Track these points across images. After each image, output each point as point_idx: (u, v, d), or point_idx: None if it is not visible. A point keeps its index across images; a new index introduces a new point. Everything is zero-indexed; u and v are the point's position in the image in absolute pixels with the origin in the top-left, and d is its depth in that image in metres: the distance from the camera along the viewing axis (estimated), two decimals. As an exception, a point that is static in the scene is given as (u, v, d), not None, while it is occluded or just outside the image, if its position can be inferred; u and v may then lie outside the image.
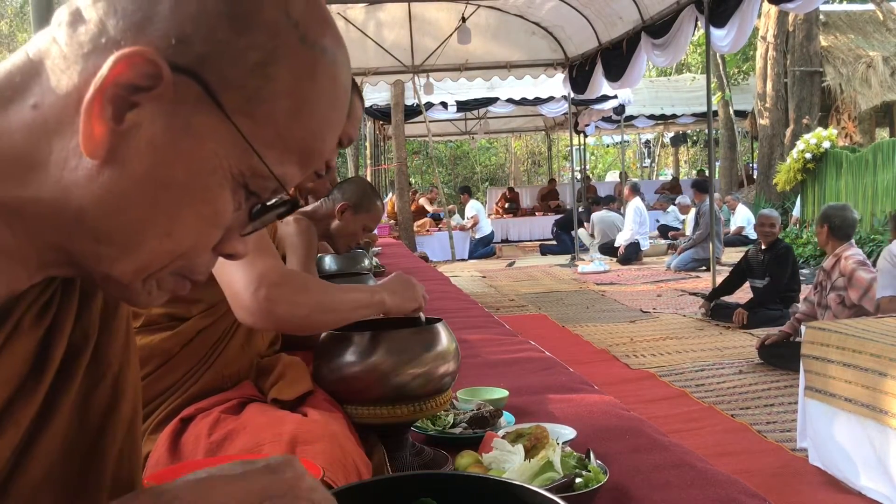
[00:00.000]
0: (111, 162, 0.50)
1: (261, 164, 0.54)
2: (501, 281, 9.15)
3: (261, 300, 1.19)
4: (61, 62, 0.51)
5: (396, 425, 1.37)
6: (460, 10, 8.73)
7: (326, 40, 0.56)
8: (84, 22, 0.51)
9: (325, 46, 0.56)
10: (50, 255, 0.55)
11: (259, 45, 0.52)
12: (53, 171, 0.51)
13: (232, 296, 1.22)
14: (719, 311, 5.98)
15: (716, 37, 6.53)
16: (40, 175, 0.52)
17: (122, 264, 0.54)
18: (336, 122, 0.58)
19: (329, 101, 0.57)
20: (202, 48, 0.51)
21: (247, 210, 0.58)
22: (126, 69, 0.48)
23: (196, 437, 1.20)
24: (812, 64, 12.38)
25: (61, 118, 0.51)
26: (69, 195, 0.51)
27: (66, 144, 0.51)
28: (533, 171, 29.34)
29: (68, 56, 0.51)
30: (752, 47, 14.31)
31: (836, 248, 4.27)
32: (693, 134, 22.45)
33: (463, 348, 1.50)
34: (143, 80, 0.49)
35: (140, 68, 0.49)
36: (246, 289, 1.20)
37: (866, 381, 2.65)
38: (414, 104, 11.73)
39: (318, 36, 0.55)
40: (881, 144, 9.37)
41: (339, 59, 0.57)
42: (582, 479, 1.16)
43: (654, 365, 4.64)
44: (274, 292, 1.20)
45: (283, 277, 1.23)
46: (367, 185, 2.79)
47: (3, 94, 0.52)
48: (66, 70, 0.51)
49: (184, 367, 1.34)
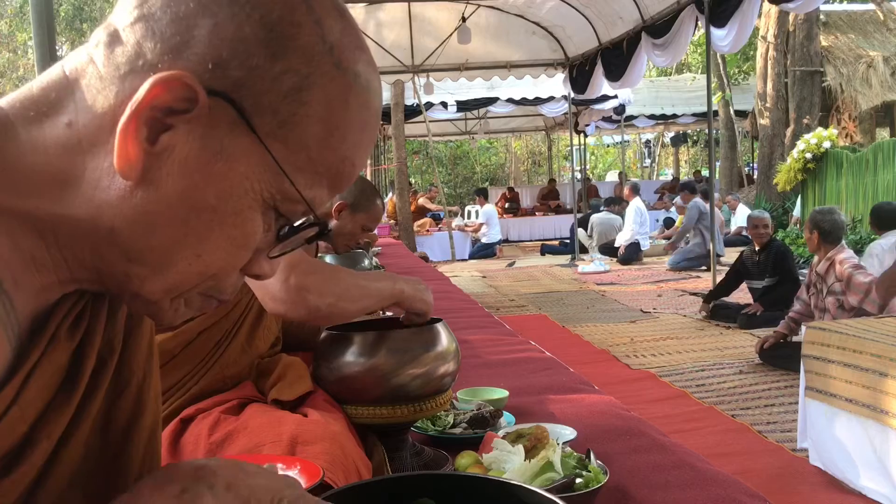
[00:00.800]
0: (144, 183, 0.51)
1: (291, 188, 0.54)
2: (501, 281, 9.15)
3: (292, 289, 1.19)
4: (97, 82, 0.52)
5: (396, 425, 1.37)
6: (460, 9, 8.73)
7: (360, 66, 0.56)
8: (122, 43, 0.52)
9: (358, 72, 0.56)
10: (81, 271, 0.55)
11: (294, 70, 0.52)
12: (87, 189, 0.52)
13: (261, 287, 1.22)
14: (719, 312, 5.98)
15: (716, 37, 6.53)
16: (74, 192, 0.52)
17: (151, 284, 0.55)
18: (366, 145, 0.58)
19: (360, 125, 0.57)
20: (238, 73, 0.51)
21: (275, 232, 0.58)
22: (163, 92, 0.49)
23: (196, 437, 1.20)
24: (812, 64, 12.38)
25: (96, 138, 0.52)
26: (102, 214, 0.52)
27: (99, 164, 0.51)
28: (533, 171, 29.33)
29: (105, 76, 0.52)
30: (753, 47, 14.32)
31: (828, 252, 4.27)
32: (693, 134, 22.45)
33: (463, 348, 1.50)
34: (179, 103, 0.50)
35: (177, 92, 0.49)
36: (277, 279, 1.20)
37: (867, 382, 2.65)
38: (414, 104, 11.73)
39: (353, 62, 0.55)
40: (881, 144, 9.37)
41: (372, 85, 0.57)
42: (582, 479, 1.16)
43: (655, 365, 4.64)
44: (305, 281, 1.21)
45: (313, 266, 1.24)
46: (366, 185, 2.76)
47: (39, 109, 0.53)
48: (103, 90, 0.52)
49: (185, 367, 1.33)
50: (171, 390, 1.32)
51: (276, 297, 1.21)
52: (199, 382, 1.34)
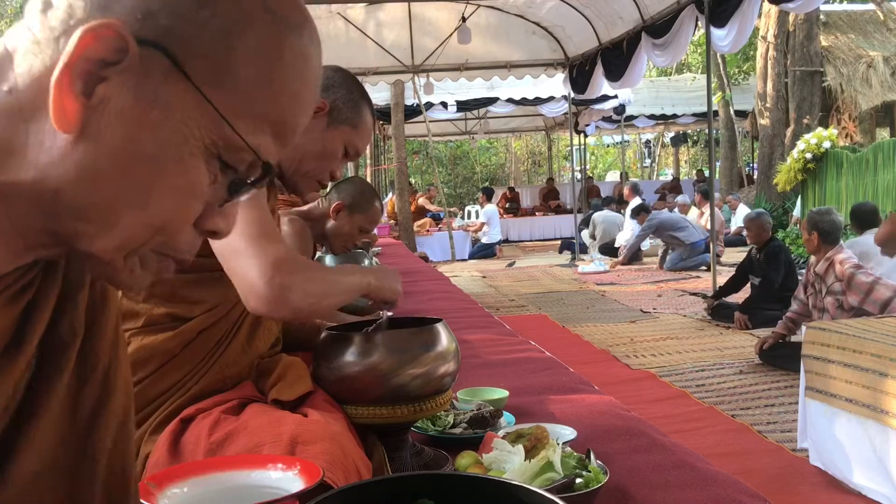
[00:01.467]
0: (83, 137, 0.51)
1: (233, 134, 0.55)
2: (501, 281, 9.15)
3: (276, 288, 1.19)
4: (33, 47, 0.52)
5: (396, 425, 1.37)
6: (460, 9, 8.73)
7: (295, 16, 0.57)
8: (53, 7, 0.52)
9: (292, 22, 0.57)
10: (35, 236, 0.56)
11: (221, 14, 0.53)
12: (31, 154, 0.52)
13: (246, 286, 1.22)
14: (720, 312, 5.98)
15: (716, 37, 6.53)
16: (18, 159, 0.53)
17: (101, 241, 0.55)
18: (307, 98, 0.59)
19: (298, 76, 0.58)
20: (167, 21, 0.52)
21: (224, 185, 0.58)
22: (93, 42, 0.49)
23: (196, 437, 1.20)
24: (812, 64, 12.39)
25: (36, 101, 0.52)
26: (46, 175, 0.52)
27: (41, 127, 0.52)
28: (533, 171, 29.34)
29: (40, 41, 0.52)
30: (753, 47, 14.31)
31: (827, 253, 4.27)
32: (693, 134, 22.46)
33: (463, 348, 1.50)
34: (111, 54, 0.50)
35: (107, 42, 0.50)
36: (261, 277, 1.19)
37: (867, 382, 2.65)
38: (414, 104, 11.73)
39: (286, 10, 0.57)
40: (882, 144, 9.38)
41: (305, 35, 0.58)
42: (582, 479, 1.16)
43: (655, 365, 4.64)
44: (288, 280, 1.20)
45: (296, 265, 1.23)
46: (364, 186, 2.74)
47: None
48: (39, 54, 0.52)
49: (185, 367, 1.33)
50: (171, 390, 1.32)
51: (259, 296, 1.20)
52: (200, 382, 1.34)
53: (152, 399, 1.31)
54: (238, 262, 1.22)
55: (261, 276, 1.19)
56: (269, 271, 1.19)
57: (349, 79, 1.54)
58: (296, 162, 1.49)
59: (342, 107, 1.50)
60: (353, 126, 1.52)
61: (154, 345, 1.30)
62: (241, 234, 1.22)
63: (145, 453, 1.24)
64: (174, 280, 1.33)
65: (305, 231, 2.47)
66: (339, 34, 9.19)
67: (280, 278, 1.19)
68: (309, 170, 1.51)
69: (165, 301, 1.33)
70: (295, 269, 1.22)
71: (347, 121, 1.51)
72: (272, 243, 1.22)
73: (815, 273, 4.35)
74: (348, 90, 1.51)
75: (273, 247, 1.22)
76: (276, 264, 1.20)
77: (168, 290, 1.33)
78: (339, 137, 1.52)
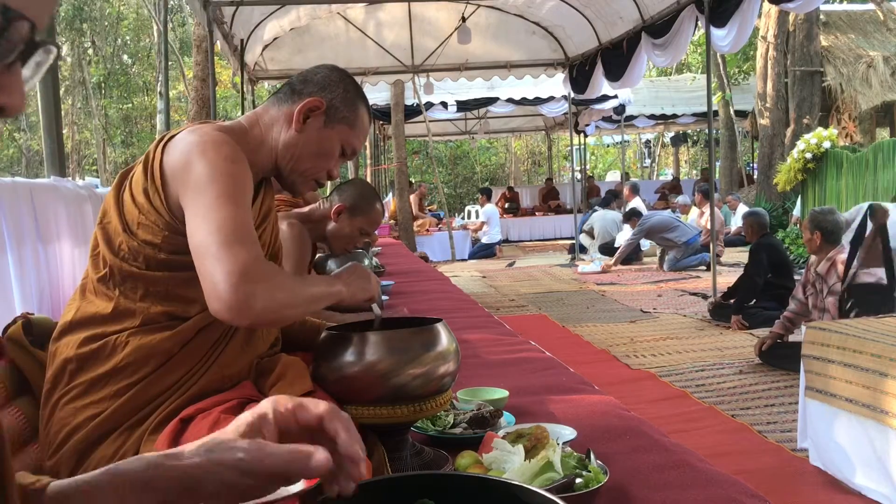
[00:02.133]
0: None
1: None
2: (501, 281, 9.15)
3: (240, 295, 1.18)
4: None
5: (396, 425, 1.37)
6: (460, 9, 8.73)
7: None
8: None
9: None
10: None
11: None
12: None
13: (211, 290, 1.21)
14: (720, 312, 5.97)
15: (716, 37, 6.53)
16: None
17: None
18: None
19: None
20: None
21: None
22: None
23: (196, 437, 1.19)
24: (812, 64, 12.39)
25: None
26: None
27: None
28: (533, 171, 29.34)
29: None
30: (753, 47, 14.31)
31: (829, 252, 4.27)
32: (693, 134, 22.45)
33: (463, 348, 1.50)
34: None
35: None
36: (225, 281, 1.18)
37: (867, 382, 2.65)
38: (414, 104, 11.73)
39: None
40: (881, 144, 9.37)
41: None
42: (582, 479, 1.16)
43: (655, 365, 4.64)
44: (254, 288, 1.19)
45: (264, 273, 1.22)
46: (366, 188, 2.73)
47: None
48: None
49: (183, 367, 1.33)
50: (171, 390, 1.32)
51: (223, 302, 1.19)
52: (199, 382, 1.34)
53: (151, 399, 1.31)
54: (206, 265, 1.22)
55: (226, 282, 1.18)
56: (234, 277, 1.18)
57: (346, 78, 1.54)
58: (293, 161, 1.49)
59: (339, 106, 1.50)
60: (349, 125, 1.52)
61: (152, 344, 1.31)
62: (214, 234, 1.22)
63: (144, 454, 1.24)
64: (169, 279, 1.33)
65: (304, 234, 2.47)
66: (339, 34, 9.19)
67: (245, 286, 1.18)
68: (306, 169, 1.51)
69: (161, 299, 1.33)
70: (262, 276, 1.21)
71: (344, 119, 1.51)
72: (243, 247, 1.21)
73: (815, 273, 4.34)
74: (345, 89, 1.51)
75: (244, 251, 1.20)
76: (244, 271, 1.19)
77: (163, 289, 1.33)
78: (336, 136, 1.52)
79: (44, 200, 2.16)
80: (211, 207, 1.24)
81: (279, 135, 1.48)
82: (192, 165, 1.29)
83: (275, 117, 1.49)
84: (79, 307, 1.36)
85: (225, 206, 1.25)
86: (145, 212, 1.33)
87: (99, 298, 1.35)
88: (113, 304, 1.33)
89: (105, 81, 22.86)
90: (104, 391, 1.30)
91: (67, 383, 1.32)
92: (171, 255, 1.33)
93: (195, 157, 1.30)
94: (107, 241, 1.36)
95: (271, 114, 1.50)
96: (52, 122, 2.80)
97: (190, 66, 14.79)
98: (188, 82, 17.68)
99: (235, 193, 1.28)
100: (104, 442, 1.28)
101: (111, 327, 1.32)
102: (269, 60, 9.16)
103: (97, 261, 1.37)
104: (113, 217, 1.36)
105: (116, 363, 1.30)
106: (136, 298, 1.33)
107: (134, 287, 1.33)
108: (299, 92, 1.49)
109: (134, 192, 1.35)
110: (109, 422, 1.29)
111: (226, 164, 1.30)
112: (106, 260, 1.35)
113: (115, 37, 23.49)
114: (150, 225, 1.32)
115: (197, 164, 1.29)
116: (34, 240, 2.08)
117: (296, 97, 1.49)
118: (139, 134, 23.63)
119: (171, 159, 1.32)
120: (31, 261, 2.05)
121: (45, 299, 2.13)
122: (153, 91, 20.74)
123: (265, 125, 1.49)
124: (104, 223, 1.38)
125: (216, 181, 1.27)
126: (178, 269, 1.33)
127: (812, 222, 4.35)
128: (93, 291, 1.37)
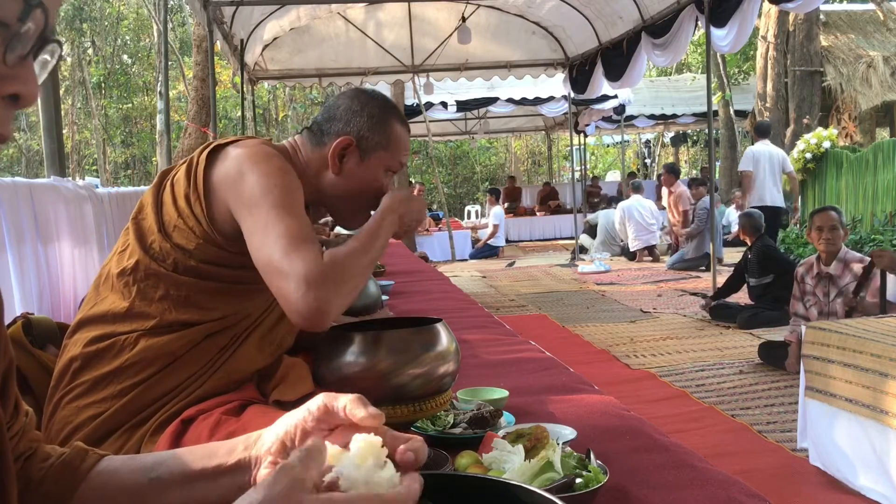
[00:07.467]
0: None
1: None
2: (501, 281, 9.15)
3: (311, 302, 1.18)
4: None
5: (396, 425, 1.37)
6: (460, 10, 8.73)
7: None
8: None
9: None
10: None
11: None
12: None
13: (285, 304, 1.22)
14: (720, 312, 5.98)
15: (716, 37, 6.53)
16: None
17: None
18: None
19: None
20: None
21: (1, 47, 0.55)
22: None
23: (197, 438, 1.20)
24: (812, 64, 12.39)
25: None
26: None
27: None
28: (533, 171, 29.34)
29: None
30: (753, 47, 14.32)
31: (838, 254, 4.22)
32: (693, 134, 22.45)
33: (463, 348, 1.50)
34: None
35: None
36: (294, 293, 1.19)
37: (867, 382, 2.65)
38: (414, 104, 11.72)
39: None
40: (881, 144, 9.37)
41: None
42: (582, 479, 1.16)
43: (655, 365, 4.64)
44: (321, 293, 1.19)
45: (324, 273, 1.21)
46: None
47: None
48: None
49: (188, 370, 1.33)
50: (174, 392, 1.32)
51: (298, 313, 1.19)
52: (204, 385, 1.34)
53: (154, 400, 1.31)
54: (273, 282, 1.23)
55: (295, 294, 1.18)
56: (301, 287, 1.18)
57: (369, 101, 1.49)
58: (341, 201, 1.51)
59: (368, 135, 1.47)
60: (384, 148, 1.48)
61: (159, 345, 1.30)
62: (273, 248, 1.22)
63: (145, 454, 1.24)
64: (193, 284, 1.32)
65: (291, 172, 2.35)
66: (339, 34, 9.18)
67: (313, 293, 1.18)
68: (358, 205, 1.51)
69: (180, 306, 1.32)
70: (325, 276, 1.20)
71: (378, 146, 1.47)
72: (300, 253, 1.20)
73: (825, 275, 4.23)
74: (369, 115, 1.47)
75: (300, 259, 1.20)
76: (308, 279, 1.18)
77: (185, 294, 1.32)
78: (376, 164, 1.48)
79: (44, 200, 2.16)
80: (268, 221, 1.25)
81: (319, 175, 1.48)
82: (244, 177, 1.29)
83: (311, 158, 1.49)
84: (94, 304, 1.36)
85: (281, 218, 1.25)
86: (185, 217, 1.33)
87: (114, 294, 1.34)
88: (128, 303, 1.32)
89: (105, 81, 22.85)
90: (107, 391, 1.30)
91: (70, 382, 1.32)
92: (200, 263, 1.32)
93: (247, 169, 1.30)
94: (139, 237, 1.35)
95: (307, 152, 1.50)
96: (52, 121, 2.80)
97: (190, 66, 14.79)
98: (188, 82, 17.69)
99: (288, 203, 1.28)
100: (105, 442, 1.28)
101: (122, 327, 1.32)
102: (269, 60, 9.16)
103: (124, 254, 1.36)
104: (149, 214, 1.36)
105: (122, 363, 1.30)
106: (155, 298, 1.32)
107: (155, 286, 1.33)
108: (326, 132, 1.48)
109: (176, 195, 1.35)
110: (111, 422, 1.29)
111: (278, 175, 1.30)
112: (134, 254, 1.34)
113: (114, 37, 23.48)
114: (187, 230, 1.32)
115: (249, 175, 1.29)
116: (34, 240, 2.08)
117: (325, 138, 1.48)
118: (139, 134, 23.63)
119: (220, 171, 1.32)
120: (31, 261, 2.05)
121: (45, 299, 2.13)
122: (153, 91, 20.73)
123: (304, 159, 1.49)
124: (139, 218, 1.38)
125: (270, 192, 1.27)
126: (205, 278, 1.33)
127: (838, 220, 4.18)
128: (109, 287, 1.36)
